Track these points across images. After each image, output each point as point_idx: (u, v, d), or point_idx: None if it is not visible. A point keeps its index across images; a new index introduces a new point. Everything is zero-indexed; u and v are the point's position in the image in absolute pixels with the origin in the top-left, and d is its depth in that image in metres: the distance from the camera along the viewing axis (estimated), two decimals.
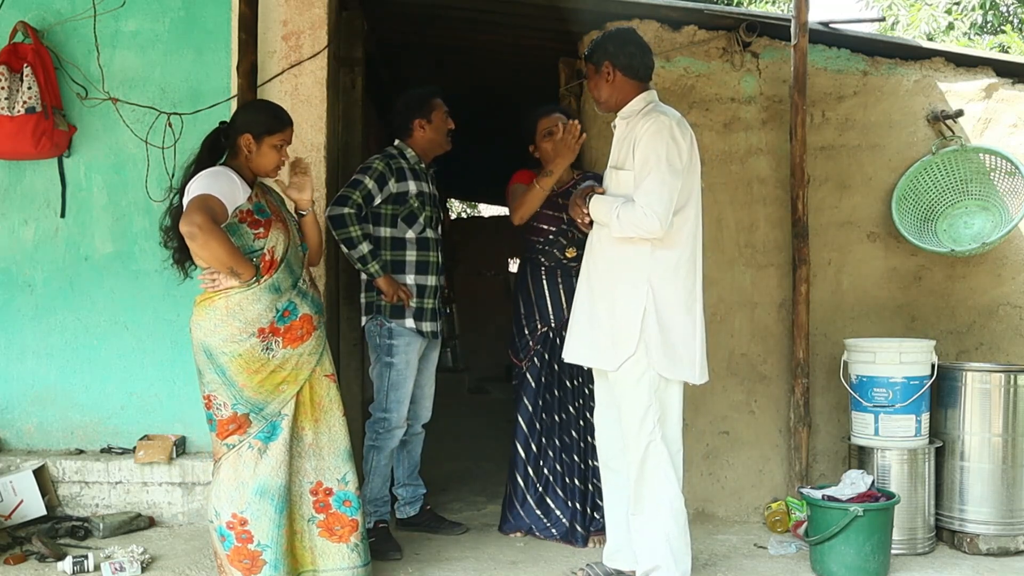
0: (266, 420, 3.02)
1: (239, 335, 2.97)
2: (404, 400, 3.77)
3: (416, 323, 3.75)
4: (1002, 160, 4.12)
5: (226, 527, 3.01)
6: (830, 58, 4.33)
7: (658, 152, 3.00)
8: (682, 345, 3.10)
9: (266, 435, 3.03)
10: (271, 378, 3.02)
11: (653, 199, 2.97)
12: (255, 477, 3.00)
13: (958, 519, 3.83)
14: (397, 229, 3.76)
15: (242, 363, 2.98)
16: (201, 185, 2.96)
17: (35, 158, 4.08)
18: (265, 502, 2.99)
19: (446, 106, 3.90)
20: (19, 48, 3.97)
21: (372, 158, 3.80)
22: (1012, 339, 4.24)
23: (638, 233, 3.01)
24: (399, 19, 4.87)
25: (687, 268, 3.12)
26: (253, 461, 3.00)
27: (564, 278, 3.85)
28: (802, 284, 4.16)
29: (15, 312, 4.19)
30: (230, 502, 3.00)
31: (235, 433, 3.01)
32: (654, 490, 3.10)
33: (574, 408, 3.89)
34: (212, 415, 3.03)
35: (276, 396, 3.03)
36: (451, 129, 3.89)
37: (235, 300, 2.97)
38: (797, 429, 4.17)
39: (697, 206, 3.16)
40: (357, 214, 3.63)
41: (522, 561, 3.64)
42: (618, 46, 3.16)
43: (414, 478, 4.04)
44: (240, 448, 3.01)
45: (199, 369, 3.04)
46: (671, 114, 3.11)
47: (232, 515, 2.99)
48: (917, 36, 10.21)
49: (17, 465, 3.97)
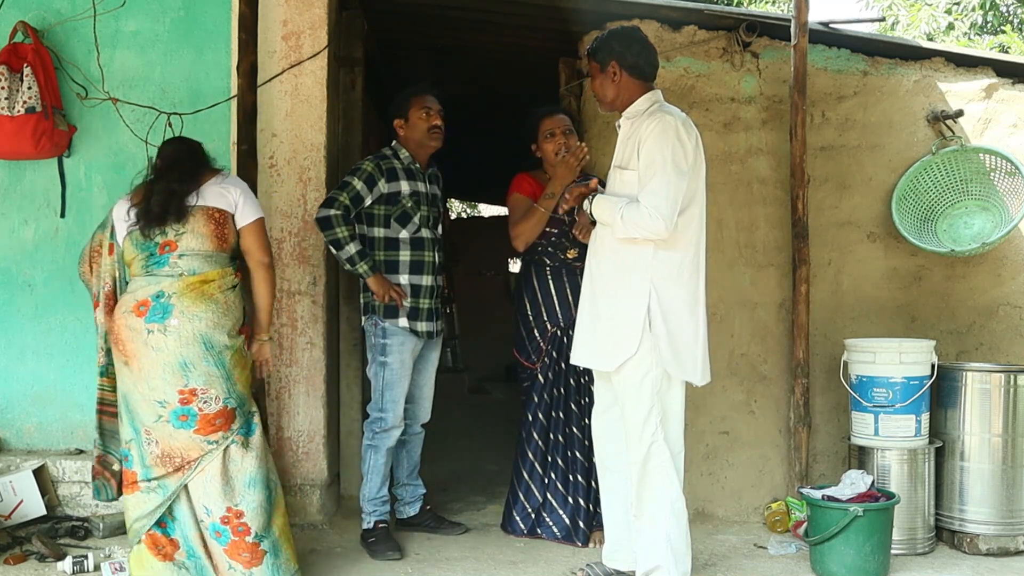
0: (243, 416, 3.11)
1: (234, 330, 3.11)
2: (399, 400, 3.77)
3: (410, 323, 3.75)
4: (1002, 160, 4.12)
5: (220, 523, 3.02)
6: (830, 58, 4.33)
7: (663, 152, 2.99)
8: (685, 346, 3.10)
9: (244, 431, 3.11)
10: (250, 374, 3.21)
11: (659, 200, 2.96)
12: (243, 471, 3.06)
13: (958, 519, 3.83)
14: (390, 229, 3.76)
15: (238, 357, 3.11)
16: (258, 206, 3.26)
17: (35, 158, 4.07)
18: (257, 492, 3.06)
19: (433, 102, 3.83)
20: (19, 48, 3.97)
21: (363, 159, 3.82)
22: (1012, 339, 4.24)
23: (642, 234, 3.00)
24: (399, 19, 4.87)
25: (691, 270, 3.11)
26: (239, 455, 3.08)
27: (569, 277, 3.84)
28: (802, 284, 4.16)
29: (15, 312, 4.19)
30: (222, 497, 3.02)
31: (221, 429, 3.03)
32: (655, 491, 3.10)
33: (577, 406, 3.88)
34: (192, 410, 3.00)
35: (248, 392, 3.18)
36: (435, 125, 3.81)
37: (231, 297, 3.11)
38: (797, 429, 4.17)
39: (701, 207, 3.15)
40: (344, 216, 3.63)
41: (522, 561, 3.64)
42: (624, 45, 3.15)
43: (414, 478, 4.05)
44: (223, 446, 3.04)
45: (186, 362, 2.99)
46: (676, 114, 3.09)
47: (227, 509, 3.02)
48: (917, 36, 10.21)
49: (17, 465, 3.97)
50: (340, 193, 3.66)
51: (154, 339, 2.99)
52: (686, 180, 3.02)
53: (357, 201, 3.69)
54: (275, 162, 4.10)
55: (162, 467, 3.03)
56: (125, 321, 3.03)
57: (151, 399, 3.01)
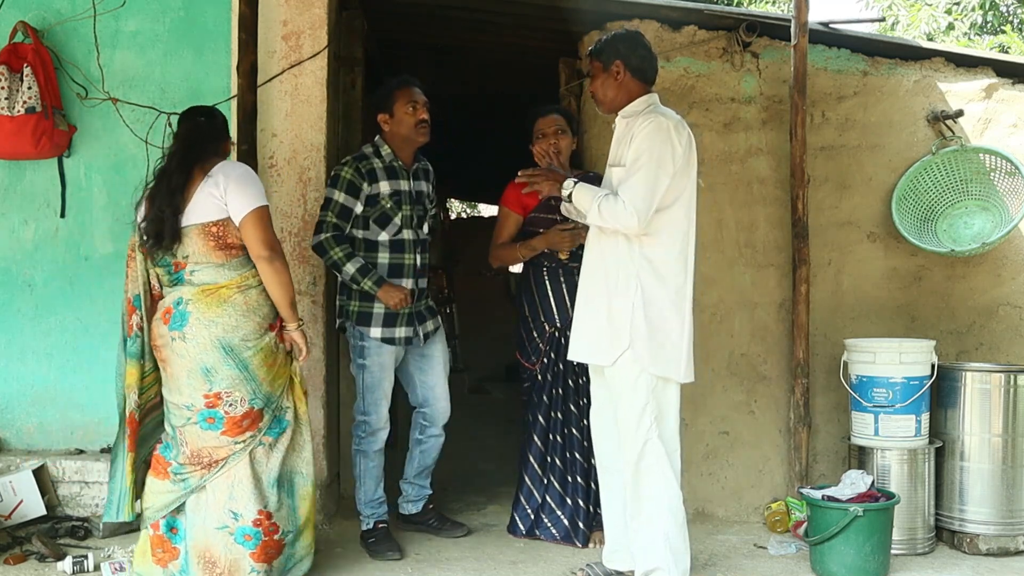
0: (273, 414, 3.12)
1: (259, 330, 3.07)
2: (381, 401, 3.74)
3: (384, 330, 3.68)
4: (1002, 160, 4.12)
5: (252, 525, 3.04)
6: (830, 58, 4.33)
7: (651, 150, 3.03)
8: (670, 343, 3.11)
9: (275, 430, 3.13)
10: (281, 371, 3.15)
11: (636, 196, 3.01)
12: (268, 471, 3.10)
13: (958, 519, 3.83)
14: (369, 231, 3.70)
15: (263, 357, 3.08)
16: (261, 194, 3.10)
17: (35, 158, 4.07)
18: (281, 492, 3.11)
19: (419, 95, 3.73)
20: (19, 48, 3.97)
21: (341, 165, 3.71)
22: (1012, 339, 4.24)
23: (615, 226, 3.06)
24: (399, 19, 4.87)
25: (676, 267, 3.13)
26: (265, 457, 3.10)
27: (567, 278, 3.84)
28: (802, 284, 4.16)
29: (15, 312, 4.19)
30: (253, 500, 3.05)
31: (248, 430, 3.05)
32: (652, 490, 3.11)
33: (576, 407, 3.89)
34: (218, 413, 3.03)
35: (281, 388, 3.16)
36: (423, 120, 3.70)
37: (253, 297, 3.07)
38: (797, 429, 4.17)
39: (689, 207, 3.16)
40: (336, 236, 3.61)
41: (522, 561, 3.65)
42: (630, 48, 3.19)
43: (422, 479, 3.98)
44: (251, 446, 3.07)
45: (208, 368, 3.01)
46: (671, 116, 3.13)
47: (258, 511, 3.06)
48: (917, 36, 10.21)
49: (17, 465, 3.97)
50: (326, 214, 3.63)
51: (177, 346, 3.04)
52: (669, 179, 3.06)
53: (345, 214, 3.63)
54: (275, 162, 4.10)
55: (191, 465, 3.09)
56: (156, 328, 3.11)
57: (180, 403, 3.08)
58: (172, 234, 3.04)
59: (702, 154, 4.25)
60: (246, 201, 3.04)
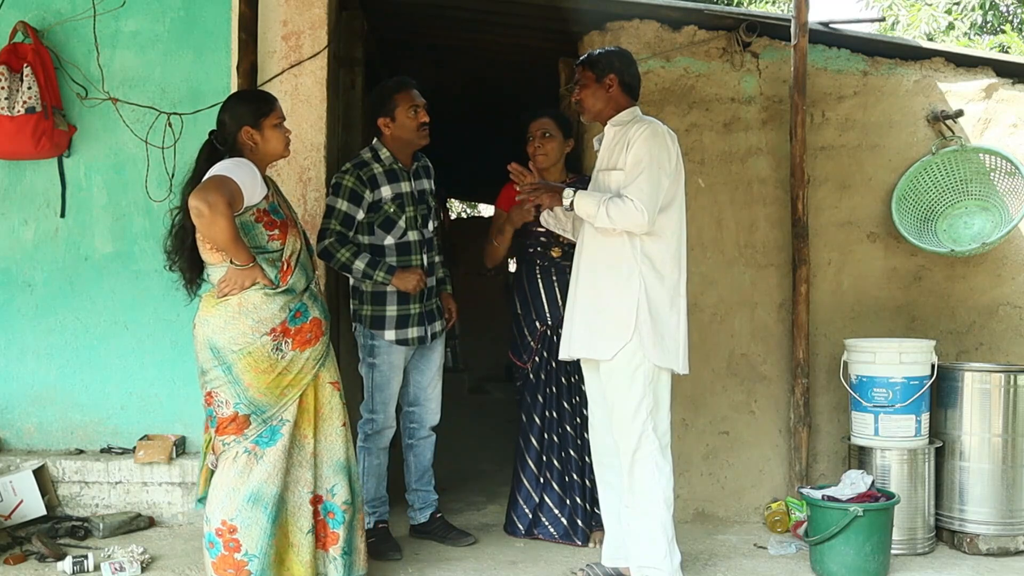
0: (265, 424, 2.98)
1: (250, 333, 2.94)
2: (390, 401, 3.74)
3: (398, 332, 3.68)
4: (1002, 160, 4.12)
5: (215, 534, 2.95)
6: (830, 58, 4.33)
7: (652, 154, 3.17)
8: (669, 336, 3.21)
9: (264, 440, 2.97)
10: (277, 380, 2.98)
11: (643, 194, 3.12)
12: (247, 483, 2.94)
13: (958, 519, 3.83)
14: (375, 236, 3.69)
15: (251, 361, 2.95)
16: (224, 168, 2.90)
17: (35, 158, 4.07)
18: (257, 510, 2.93)
19: (418, 97, 3.71)
20: (19, 48, 3.97)
21: (341, 173, 3.67)
22: (1012, 339, 4.24)
23: (624, 226, 3.15)
24: (399, 19, 4.87)
25: (672, 265, 3.25)
26: (248, 466, 2.95)
27: (558, 276, 3.85)
28: (802, 284, 4.16)
29: (15, 312, 4.19)
30: (220, 508, 2.94)
31: (232, 433, 2.97)
32: (646, 482, 3.16)
33: (569, 404, 3.89)
34: (213, 411, 3.01)
35: (279, 400, 2.99)
36: (424, 123, 3.68)
37: (250, 299, 2.95)
38: (797, 429, 4.17)
39: (681, 209, 3.31)
40: (340, 240, 3.61)
41: (522, 561, 3.65)
42: (625, 65, 3.35)
43: (424, 483, 3.94)
44: (234, 451, 2.95)
45: (202, 367, 3.01)
46: (661, 124, 3.30)
47: (222, 522, 2.93)
48: (917, 36, 10.21)
49: (17, 465, 3.97)
50: (329, 221, 3.63)
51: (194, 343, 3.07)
52: (669, 180, 3.20)
53: (349, 222, 3.63)
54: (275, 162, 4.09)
55: (212, 455, 3.08)
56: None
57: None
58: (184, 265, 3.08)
59: (702, 154, 4.29)
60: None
